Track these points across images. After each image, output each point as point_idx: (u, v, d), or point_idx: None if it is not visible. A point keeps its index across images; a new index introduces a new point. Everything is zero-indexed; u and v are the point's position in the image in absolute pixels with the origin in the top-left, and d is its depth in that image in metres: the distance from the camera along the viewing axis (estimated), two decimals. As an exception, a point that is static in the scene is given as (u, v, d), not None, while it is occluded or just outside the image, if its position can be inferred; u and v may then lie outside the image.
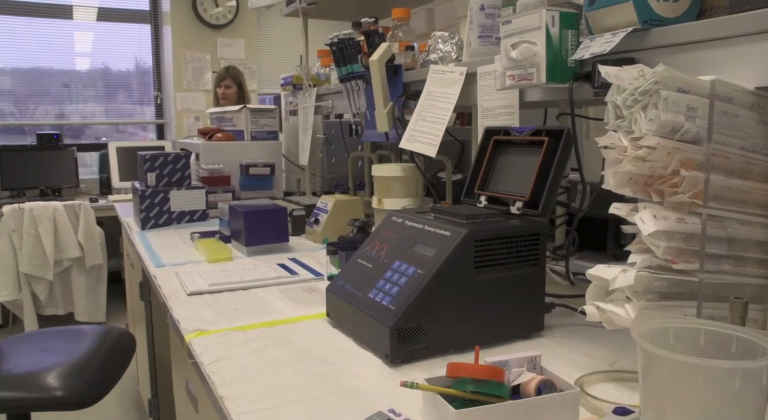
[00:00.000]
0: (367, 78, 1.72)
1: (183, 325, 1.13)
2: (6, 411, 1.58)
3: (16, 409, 1.53)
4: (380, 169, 1.55)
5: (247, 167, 2.35)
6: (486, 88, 1.34)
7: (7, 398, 1.43)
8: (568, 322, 1.09)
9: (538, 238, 1.02)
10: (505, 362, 0.77)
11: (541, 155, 1.06)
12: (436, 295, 0.94)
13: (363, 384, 0.87)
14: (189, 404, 1.30)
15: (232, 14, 4.72)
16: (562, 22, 1.03)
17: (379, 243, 1.11)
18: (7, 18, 4.48)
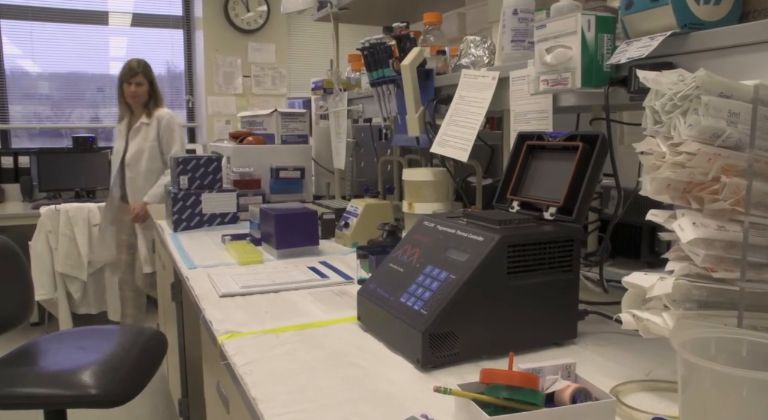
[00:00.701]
0: (398, 82, 1.73)
1: (215, 327, 1.14)
2: (44, 407, 1.62)
3: (53, 405, 1.57)
4: (411, 174, 1.55)
5: (277, 171, 2.37)
6: (518, 92, 1.33)
7: (44, 394, 1.46)
8: (601, 329, 1.08)
9: (572, 244, 1.01)
10: (540, 369, 0.76)
11: (576, 160, 1.04)
12: (468, 301, 0.94)
13: (395, 388, 0.86)
14: (220, 405, 1.31)
15: (262, 19, 4.77)
16: (597, 26, 1.02)
17: (410, 247, 1.11)
18: (46, 24, 4.60)
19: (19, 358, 1.74)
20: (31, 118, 4.70)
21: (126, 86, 3.36)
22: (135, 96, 3.37)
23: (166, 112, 3.46)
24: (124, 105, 3.44)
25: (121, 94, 3.41)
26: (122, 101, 3.43)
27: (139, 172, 3.40)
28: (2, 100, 4.53)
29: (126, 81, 3.36)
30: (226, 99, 4.79)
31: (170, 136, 3.43)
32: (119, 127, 3.50)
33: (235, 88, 4.80)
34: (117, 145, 3.50)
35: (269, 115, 2.60)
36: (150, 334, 1.93)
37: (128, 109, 3.45)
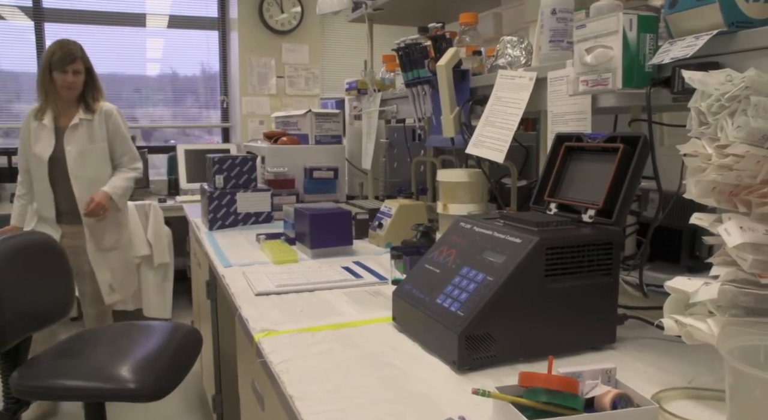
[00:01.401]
0: (433, 83, 1.72)
1: (252, 325, 1.15)
2: (84, 399, 1.66)
3: (92, 398, 1.60)
4: (446, 175, 1.54)
5: (311, 171, 2.39)
6: (556, 93, 1.32)
7: (85, 387, 1.50)
8: (641, 334, 1.06)
9: (612, 247, 1.00)
10: (579, 373, 0.75)
11: (616, 162, 1.03)
12: (505, 303, 0.93)
13: (430, 389, 0.86)
14: (255, 402, 1.32)
15: (296, 20, 4.81)
16: (640, 26, 1.00)
17: (446, 248, 1.10)
18: (87, 27, 4.71)
19: (61, 351, 1.79)
20: (70, 118, 4.81)
21: (59, 74, 2.63)
22: (71, 87, 2.67)
23: (112, 106, 2.86)
24: (51, 97, 2.69)
25: (48, 83, 2.67)
26: (49, 93, 2.68)
27: (86, 180, 2.76)
28: (44, 100, 4.64)
29: (60, 68, 2.62)
30: (259, 99, 4.84)
31: (122, 135, 2.87)
32: (35, 125, 2.73)
33: (268, 88, 4.85)
34: (39, 148, 2.69)
35: (303, 116, 2.62)
36: (185, 331, 1.96)
37: (55, 102, 2.72)
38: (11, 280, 1.65)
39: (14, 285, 1.64)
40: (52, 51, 2.63)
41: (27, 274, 1.69)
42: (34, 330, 1.77)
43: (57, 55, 2.61)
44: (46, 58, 2.61)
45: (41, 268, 1.80)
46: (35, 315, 1.76)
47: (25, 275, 1.68)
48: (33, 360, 1.75)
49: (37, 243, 1.81)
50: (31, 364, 1.72)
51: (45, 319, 1.82)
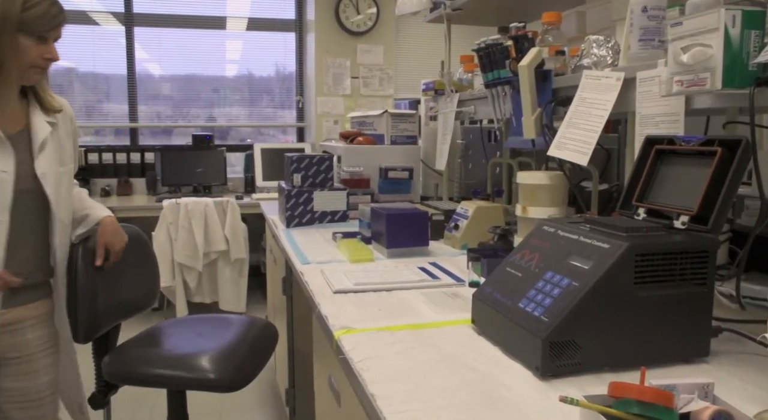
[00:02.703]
0: (514, 83, 1.70)
1: (331, 322, 1.17)
2: (168, 386, 1.73)
3: (175, 385, 1.67)
4: (526, 177, 1.51)
5: (386, 171, 2.40)
6: (646, 94, 1.27)
7: (169, 375, 1.57)
8: (737, 349, 1.01)
9: (707, 255, 0.95)
10: (673, 386, 0.72)
11: (713, 167, 0.98)
12: (592, 310, 0.90)
13: (513, 395, 0.85)
14: (331, 398, 1.34)
15: (372, 21, 4.85)
16: (744, 22, 0.95)
17: (529, 252, 1.08)
18: (172, 30, 4.92)
19: (147, 340, 1.87)
20: (153, 118, 5.04)
21: (33, 42, 1.41)
22: (45, 67, 1.48)
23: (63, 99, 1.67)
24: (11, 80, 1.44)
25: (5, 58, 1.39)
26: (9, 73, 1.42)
27: (66, 227, 1.65)
28: (133, 102, 4.89)
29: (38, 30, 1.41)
30: (334, 99, 4.91)
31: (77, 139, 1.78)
32: None
33: (343, 89, 4.91)
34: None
35: (379, 116, 2.64)
36: (262, 325, 2.01)
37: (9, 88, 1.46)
38: (104, 270, 1.74)
39: (107, 275, 1.73)
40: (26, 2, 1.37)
41: (118, 264, 1.78)
42: (123, 318, 1.86)
43: (38, 7, 1.38)
44: (4, 8, 1.35)
45: (130, 258, 1.89)
46: (124, 304, 1.85)
47: (116, 266, 1.77)
48: (121, 347, 1.84)
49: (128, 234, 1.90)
50: (120, 351, 1.81)
51: (133, 308, 1.91)
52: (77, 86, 4.86)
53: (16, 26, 1.36)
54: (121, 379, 1.74)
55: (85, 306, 1.67)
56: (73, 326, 1.67)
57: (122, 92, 4.87)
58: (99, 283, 1.70)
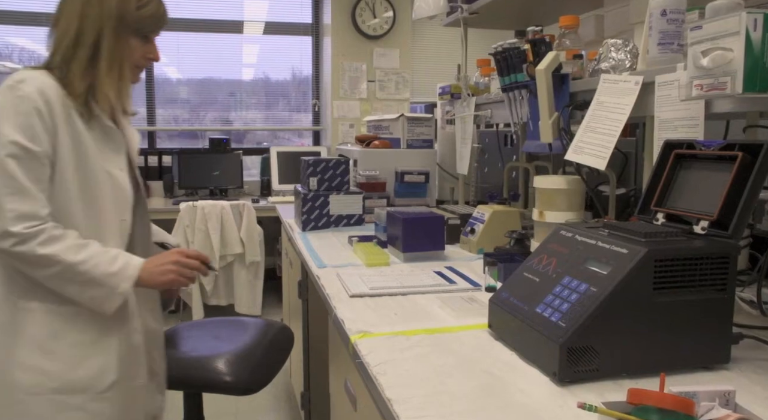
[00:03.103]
0: (531, 87, 1.69)
1: (348, 326, 1.17)
2: (184, 388, 1.74)
3: (191, 388, 1.68)
4: (543, 181, 1.51)
5: (402, 174, 2.40)
6: (665, 98, 1.26)
7: (186, 376, 1.58)
8: (758, 356, 0.99)
9: (728, 261, 0.94)
10: (694, 394, 0.72)
11: (734, 171, 0.97)
12: (610, 315, 0.90)
13: (531, 400, 0.85)
14: (347, 402, 1.34)
15: (388, 25, 4.86)
16: (766, 26, 0.94)
17: (546, 257, 1.08)
18: (189, 34, 4.96)
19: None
20: (170, 121, 5.09)
21: (142, 43, 1.39)
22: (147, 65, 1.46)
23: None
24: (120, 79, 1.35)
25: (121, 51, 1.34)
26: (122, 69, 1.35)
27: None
28: (151, 105, 4.94)
29: (149, 31, 1.40)
30: (350, 103, 4.92)
31: None
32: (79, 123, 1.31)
33: (360, 92, 4.92)
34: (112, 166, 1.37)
35: (395, 120, 2.64)
36: (278, 328, 2.02)
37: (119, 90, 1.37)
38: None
39: None
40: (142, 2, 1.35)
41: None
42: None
43: (149, 7, 1.37)
44: (119, 7, 1.31)
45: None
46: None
47: None
48: None
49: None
50: None
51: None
52: (96, 90, 4.91)
53: (131, 26, 1.34)
54: None
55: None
56: None
57: (140, 95, 4.92)
58: None
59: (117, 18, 1.31)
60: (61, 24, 1.31)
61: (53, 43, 1.32)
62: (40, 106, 1.23)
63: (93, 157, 1.31)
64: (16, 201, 1.19)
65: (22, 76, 1.25)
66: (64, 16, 1.31)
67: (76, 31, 1.29)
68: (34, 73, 1.27)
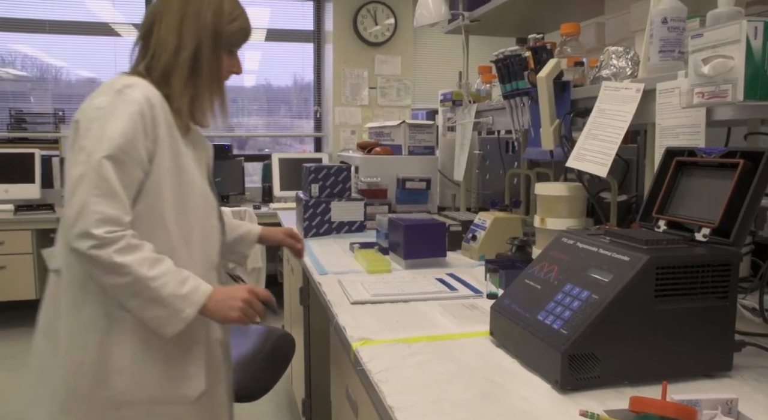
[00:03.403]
0: (532, 95, 1.69)
1: (349, 333, 1.17)
2: None
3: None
4: (544, 188, 1.51)
5: (403, 181, 2.41)
6: (666, 105, 1.26)
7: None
8: (760, 364, 0.99)
9: (729, 268, 0.94)
10: (696, 402, 0.72)
11: (735, 179, 0.97)
12: (612, 323, 0.90)
13: (532, 408, 0.84)
14: (348, 409, 1.34)
15: (390, 32, 4.88)
16: (766, 34, 0.94)
17: (548, 264, 1.08)
18: (191, 40, 4.98)
19: None
20: (172, 126, 5.10)
21: (228, 57, 1.39)
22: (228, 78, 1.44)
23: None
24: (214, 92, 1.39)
25: (214, 66, 1.36)
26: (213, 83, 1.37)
27: None
28: (152, 111, 4.95)
29: (234, 46, 1.41)
30: (352, 110, 4.93)
31: None
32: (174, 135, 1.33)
33: (361, 99, 4.93)
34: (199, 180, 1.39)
35: (397, 126, 2.64)
36: (279, 335, 2.01)
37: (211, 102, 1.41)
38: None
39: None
40: (230, 13, 1.36)
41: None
42: None
43: (239, 21, 1.37)
44: (214, 18, 1.33)
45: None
46: None
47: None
48: None
49: None
50: None
51: None
52: (99, 97, 4.93)
53: (223, 40, 1.35)
54: None
55: None
56: None
57: (143, 103, 4.93)
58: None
59: (213, 33, 1.33)
60: (156, 39, 1.31)
61: (149, 56, 1.32)
62: (145, 113, 1.23)
63: (188, 165, 1.33)
64: (104, 203, 1.16)
65: (129, 81, 1.25)
66: (159, 30, 1.31)
67: (175, 47, 1.30)
68: (140, 80, 1.27)
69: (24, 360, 3.52)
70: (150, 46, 1.32)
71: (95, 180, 1.17)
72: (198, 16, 1.31)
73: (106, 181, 1.17)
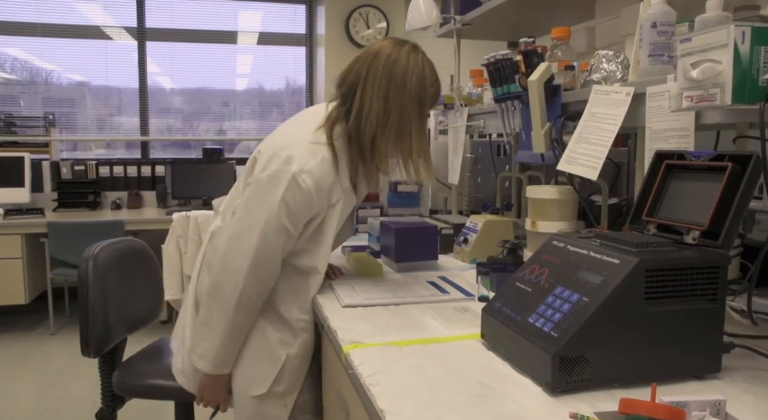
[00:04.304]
0: (523, 98, 1.70)
1: (340, 336, 1.17)
2: (174, 398, 1.74)
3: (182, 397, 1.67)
4: (535, 191, 1.51)
5: (396, 184, 2.41)
6: (656, 109, 1.27)
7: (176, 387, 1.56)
8: (749, 365, 1.00)
9: (718, 271, 0.95)
10: (685, 403, 0.72)
11: (723, 182, 0.98)
12: (602, 325, 0.90)
13: (524, 411, 0.84)
14: (339, 412, 1.33)
15: (382, 35, 4.88)
16: (754, 38, 0.95)
17: (539, 267, 1.08)
18: (180, 45, 4.97)
19: (153, 353, 1.88)
20: (163, 131, 5.09)
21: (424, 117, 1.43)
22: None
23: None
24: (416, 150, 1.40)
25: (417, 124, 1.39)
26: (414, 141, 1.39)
27: None
28: (144, 115, 4.94)
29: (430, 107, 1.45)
30: (344, 113, 4.93)
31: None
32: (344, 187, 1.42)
33: (353, 103, 4.93)
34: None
35: (388, 130, 2.64)
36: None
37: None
38: (114, 284, 1.75)
39: (117, 289, 1.74)
40: (431, 78, 1.40)
41: (126, 278, 1.79)
42: (130, 332, 1.86)
43: (435, 87, 1.42)
44: (418, 85, 1.37)
45: (137, 272, 1.90)
46: (131, 318, 1.86)
47: (124, 280, 1.78)
48: (130, 360, 1.84)
49: (134, 248, 1.91)
50: (128, 365, 1.82)
51: (140, 322, 1.92)
52: (89, 100, 4.92)
53: (425, 106, 1.40)
54: (130, 392, 1.75)
55: (98, 320, 1.69)
56: (83, 340, 1.68)
57: (134, 106, 4.92)
58: (110, 296, 1.72)
59: (418, 101, 1.37)
60: (360, 98, 1.36)
61: (352, 117, 1.37)
62: (313, 200, 1.32)
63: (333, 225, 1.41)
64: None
65: (302, 165, 1.30)
66: (364, 92, 1.35)
67: (384, 112, 1.34)
68: (315, 161, 1.32)
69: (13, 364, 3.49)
70: (353, 104, 1.37)
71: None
72: (404, 85, 1.34)
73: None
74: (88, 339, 1.68)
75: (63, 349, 3.73)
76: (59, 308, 4.30)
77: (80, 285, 1.66)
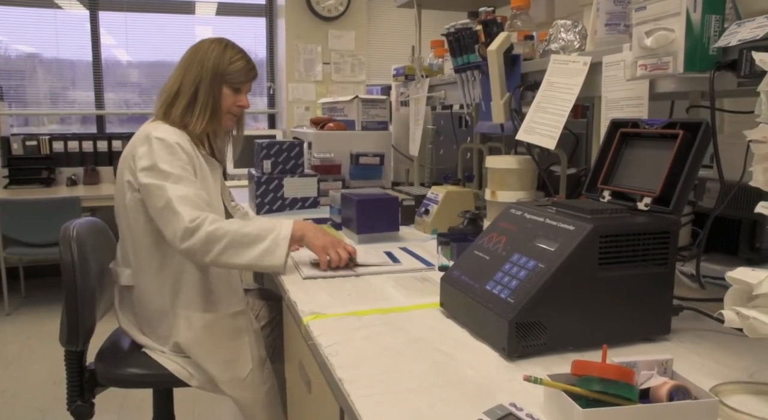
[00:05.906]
0: (483, 68, 1.70)
1: (300, 308, 1.17)
2: (153, 386, 1.69)
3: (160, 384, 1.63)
4: (495, 161, 1.52)
5: (357, 156, 2.39)
6: (612, 78, 1.28)
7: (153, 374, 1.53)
8: (696, 326, 1.03)
9: (669, 236, 0.97)
10: (634, 363, 0.74)
11: (675, 149, 1.00)
12: (557, 291, 0.92)
13: (480, 376, 0.86)
14: (301, 385, 1.34)
15: (343, 6, 4.81)
16: (705, 7, 0.96)
17: (496, 235, 1.09)
18: (135, 15, 4.81)
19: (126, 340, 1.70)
20: (120, 105, 4.95)
21: (232, 92, 1.67)
22: (239, 113, 1.75)
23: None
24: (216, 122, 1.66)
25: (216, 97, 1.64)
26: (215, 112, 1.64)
27: None
28: (99, 89, 4.79)
29: (238, 82, 1.66)
30: (306, 86, 4.87)
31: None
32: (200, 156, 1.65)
33: (315, 75, 4.87)
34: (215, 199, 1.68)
35: (350, 102, 2.62)
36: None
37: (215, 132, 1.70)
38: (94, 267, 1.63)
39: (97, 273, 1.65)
40: (231, 57, 1.65)
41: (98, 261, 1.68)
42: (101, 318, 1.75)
43: (239, 63, 1.65)
44: (216, 60, 1.62)
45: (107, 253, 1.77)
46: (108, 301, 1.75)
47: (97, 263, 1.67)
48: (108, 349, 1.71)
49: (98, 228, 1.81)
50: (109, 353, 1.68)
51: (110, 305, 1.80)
52: (41, 72, 4.74)
53: (223, 78, 1.64)
54: (115, 381, 1.62)
55: (88, 307, 1.58)
56: (72, 331, 1.55)
57: (88, 79, 4.76)
58: (93, 282, 1.62)
59: (212, 72, 1.63)
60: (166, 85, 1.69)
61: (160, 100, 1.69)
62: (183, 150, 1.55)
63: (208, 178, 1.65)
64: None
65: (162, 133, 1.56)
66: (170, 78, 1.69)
67: (179, 87, 1.65)
68: (167, 127, 1.60)
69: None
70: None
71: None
72: (202, 62, 1.62)
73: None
74: (77, 329, 1.54)
75: (19, 331, 3.65)
76: (15, 288, 4.19)
77: (64, 270, 1.52)
